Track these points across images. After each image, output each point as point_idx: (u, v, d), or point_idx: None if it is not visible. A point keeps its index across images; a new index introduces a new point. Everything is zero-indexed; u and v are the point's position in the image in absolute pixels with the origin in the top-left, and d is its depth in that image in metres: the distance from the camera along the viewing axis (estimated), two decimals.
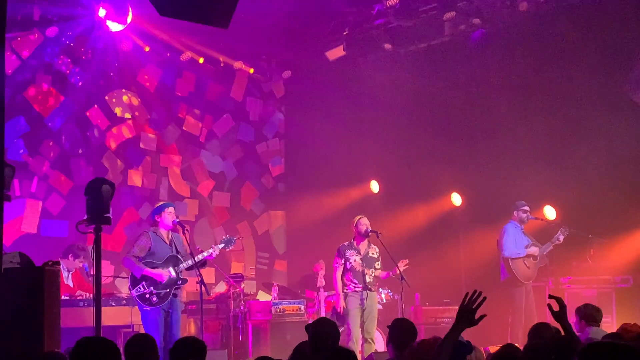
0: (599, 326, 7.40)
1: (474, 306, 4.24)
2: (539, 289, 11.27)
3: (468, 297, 4.26)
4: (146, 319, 8.90)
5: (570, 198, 11.36)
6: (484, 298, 4.26)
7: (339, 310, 9.99)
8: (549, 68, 11.60)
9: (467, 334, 5.91)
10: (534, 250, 10.99)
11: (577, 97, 11.33)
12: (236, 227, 14.01)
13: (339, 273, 10.08)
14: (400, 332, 5.91)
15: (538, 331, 6.15)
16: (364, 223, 10.11)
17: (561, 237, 10.95)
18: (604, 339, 6.01)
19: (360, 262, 10.04)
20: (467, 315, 4.24)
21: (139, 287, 8.88)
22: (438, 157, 12.59)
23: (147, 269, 8.90)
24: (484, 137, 12.26)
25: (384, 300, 10.88)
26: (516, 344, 6.07)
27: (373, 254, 10.18)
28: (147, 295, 8.86)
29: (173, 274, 8.98)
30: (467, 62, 12.28)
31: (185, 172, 13.70)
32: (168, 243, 9.15)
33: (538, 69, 11.70)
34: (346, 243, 10.18)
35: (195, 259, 9.08)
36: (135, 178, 12.95)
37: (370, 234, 10.08)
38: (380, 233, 10.06)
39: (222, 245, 9.56)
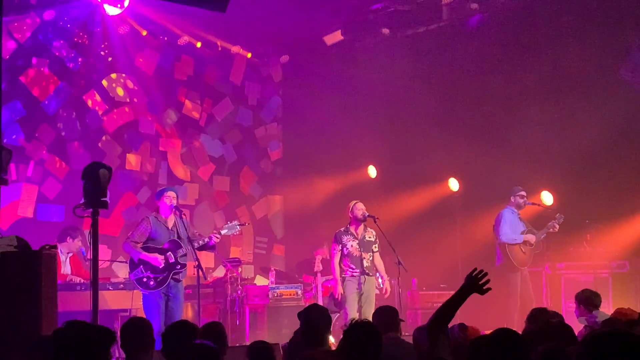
0: (598, 309, 7.44)
1: (480, 282, 4.33)
2: (536, 274, 11.31)
3: (476, 272, 4.36)
4: (146, 303, 8.94)
5: (568, 183, 11.37)
6: (488, 280, 4.47)
7: (336, 296, 10.02)
8: (546, 53, 11.60)
9: (463, 318, 5.94)
10: (529, 237, 11.00)
11: (574, 82, 11.34)
12: (235, 212, 14.02)
13: (336, 259, 10.10)
14: (382, 317, 5.96)
15: (536, 316, 6.18)
16: (360, 208, 10.11)
17: (556, 225, 10.97)
18: (604, 325, 6.04)
19: (358, 246, 10.05)
20: (476, 284, 4.43)
21: (137, 271, 8.91)
22: (435, 142, 12.58)
23: (144, 253, 8.92)
24: (481, 123, 12.26)
25: (382, 285, 10.90)
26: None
27: (370, 237, 10.19)
28: (145, 279, 8.88)
29: (172, 258, 8.99)
30: (464, 46, 12.25)
31: (185, 156, 13.69)
32: (169, 227, 9.16)
33: (535, 54, 11.70)
34: (342, 229, 10.19)
35: (197, 243, 9.10)
36: (134, 162, 12.95)
37: (367, 218, 10.09)
38: (377, 218, 10.07)
39: (224, 231, 9.55)
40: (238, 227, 9.72)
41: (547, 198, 11.56)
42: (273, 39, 14.35)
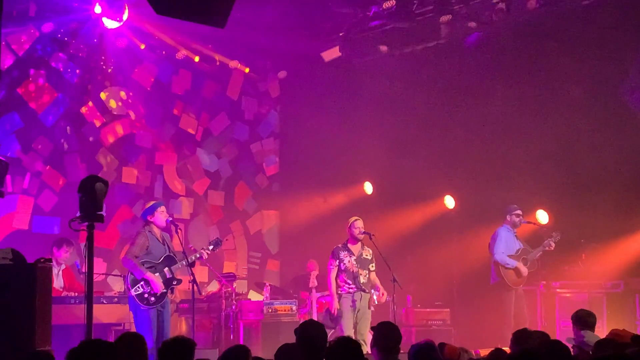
0: (593, 330, 7.43)
1: None
2: (531, 293, 11.32)
3: None
4: (140, 319, 8.88)
5: (563, 202, 11.40)
6: None
7: (332, 312, 10.00)
8: (543, 73, 11.64)
9: (458, 337, 5.95)
10: (523, 269, 10.93)
11: (571, 102, 11.38)
12: (229, 226, 14.01)
13: (333, 274, 10.08)
14: (385, 336, 5.91)
15: (519, 338, 6.17)
16: (358, 226, 10.10)
17: (552, 243, 10.98)
18: (597, 345, 6.04)
19: (355, 263, 10.04)
20: None
21: (138, 287, 8.86)
22: (432, 160, 12.62)
23: (149, 273, 8.87)
24: (478, 140, 12.28)
25: (376, 302, 10.88)
26: (505, 348, 6.09)
27: (367, 255, 10.19)
28: (146, 295, 8.86)
29: (169, 274, 8.99)
30: (462, 65, 12.31)
31: (181, 170, 13.69)
32: (162, 242, 9.16)
33: (533, 73, 11.74)
34: (340, 245, 10.19)
35: (190, 259, 9.13)
36: (130, 175, 12.93)
37: (363, 236, 10.09)
38: (373, 235, 10.07)
39: (211, 247, 9.61)
40: (221, 242, 9.86)
41: (542, 217, 11.58)
42: (271, 54, 14.38)
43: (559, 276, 11.43)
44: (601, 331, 9.02)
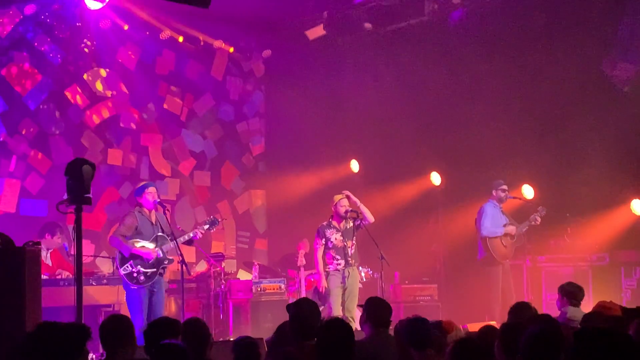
0: (579, 305, 7.50)
1: None
2: (517, 267, 11.42)
3: None
4: (131, 298, 8.92)
5: (548, 177, 11.48)
6: None
7: (320, 290, 10.06)
8: (528, 48, 11.65)
9: (446, 312, 6.01)
10: (511, 229, 11.08)
11: (555, 76, 11.40)
12: (216, 207, 14.02)
13: (320, 253, 10.14)
14: (376, 311, 5.96)
15: (517, 310, 6.24)
16: (344, 204, 10.15)
17: (538, 218, 11.07)
18: (585, 318, 6.10)
19: (341, 237, 10.10)
20: None
21: (127, 266, 8.87)
22: (418, 137, 12.64)
23: (136, 247, 8.90)
24: (463, 116, 12.31)
25: (364, 279, 10.96)
26: (493, 322, 6.16)
27: (350, 225, 10.25)
28: (135, 274, 8.87)
29: (161, 253, 9.01)
30: (447, 41, 12.30)
31: (166, 151, 13.67)
32: (153, 222, 9.16)
33: (518, 49, 11.74)
34: (325, 223, 10.23)
35: (181, 239, 9.13)
36: (116, 157, 12.91)
37: (349, 214, 10.14)
38: (360, 213, 10.12)
39: (206, 227, 9.59)
40: (218, 222, 9.76)
41: (528, 192, 11.64)
42: (255, 33, 14.33)
43: (544, 250, 11.53)
44: (587, 304, 9.11)
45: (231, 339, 9.19)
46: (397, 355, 5.40)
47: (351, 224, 10.24)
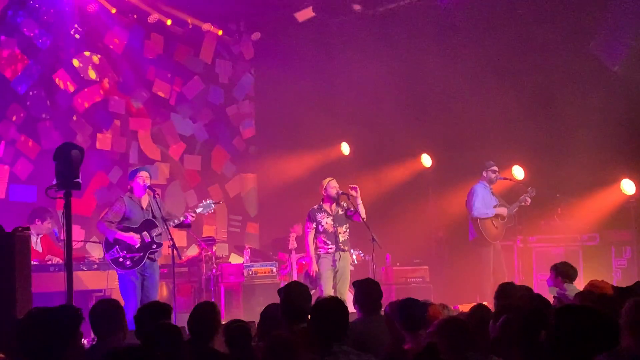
0: (573, 283, 7.57)
1: None
2: (508, 248, 11.45)
3: None
4: (122, 283, 8.91)
5: (539, 158, 11.49)
6: None
7: (311, 274, 10.05)
8: (518, 30, 11.63)
9: (437, 293, 6.02)
10: (502, 210, 11.09)
11: (546, 56, 11.40)
12: (207, 190, 13.99)
13: (310, 237, 10.11)
14: (367, 293, 5.97)
15: (504, 291, 6.25)
16: (333, 186, 10.10)
17: (528, 199, 11.08)
18: (577, 297, 6.13)
19: (332, 222, 10.07)
20: None
21: (113, 251, 8.85)
22: (408, 119, 12.64)
23: (120, 232, 8.87)
24: (453, 99, 12.31)
25: (356, 262, 10.96)
26: (485, 302, 6.17)
27: (341, 211, 10.21)
28: (121, 260, 8.85)
29: (147, 238, 8.97)
30: (437, 23, 12.27)
31: (156, 136, 13.61)
32: (144, 207, 9.12)
33: (508, 31, 11.73)
34: (315, 206, 10.19)
35: (173, 222, 9.10)
36: (105, 142, 12.85)
37: (340, 196, 10.11)
38: (351, 195, 10.10)
39: (199, 210, 9.55)
40: (213, 205, 9.71)
41: (518, 172, 11.66)
42: (244, 16, 14.25)
43: (535, 231, 11.56)
44: (578, 283, 9.15)
45: (223, 323, 9.18)
46: (388, 336, 5.41)
47: (342, 212, 10.19)
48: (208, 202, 9.70)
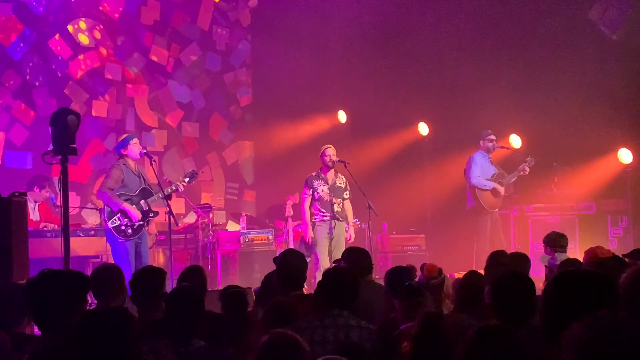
0: (565, 252, 7.57)
1: None
2: (504, 217, 11.46)
3: None
4: (118, 251, 8.90)
5: (536, 126, 11.47)
6: None
7: (307, 241, 10.06)
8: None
9: (433, 261, 6.01)
10: (500, 188, 10.99)
11: (543, 24, 11.35)
12: (205, 158, 13.97)
13: (307, 203, 10.11)
14: (355, 260, 5.97)
15: (494, 258, 6.27)
16: (330, 154, 10.08)
17: (527, 168, 11.05)
18: (562, 265, 6.14)
19: (328, 191, 10.06)
20: None
21: (115, 219, 8.84)
22: (405, 87, 12.60)
23: (125, 204, 8.85)
24: (450, 67, 12.25)
25: (352, 238, 10.95)
26: (480, 271, 6.17)
27: (340, 183, 10.21)
28: (123, 227, 8.85)
29: (146, 206, 8.98)
30: None
31: (153, 102, 13.55)
32: (137, 175, 9.12)
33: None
34: (313, 173, 10.19)
35: (167, 190, 9.12)
36: (101, 109, 12.80)
37: (337, 163, 10.09)
38: (348, 163, 10.09)
39: (187, 179, 9.53)
40: (196, 175, 9.70)
41: (515, 141, 11.65)
42: None
43: (531, 199, 11.57)
44: (574, 252, 9.20)
45: (219, 289, 9.22)
46: (381, 302, 5.39)
47: (342, 183, 10.16)
48: (192, 171, 9.70)
